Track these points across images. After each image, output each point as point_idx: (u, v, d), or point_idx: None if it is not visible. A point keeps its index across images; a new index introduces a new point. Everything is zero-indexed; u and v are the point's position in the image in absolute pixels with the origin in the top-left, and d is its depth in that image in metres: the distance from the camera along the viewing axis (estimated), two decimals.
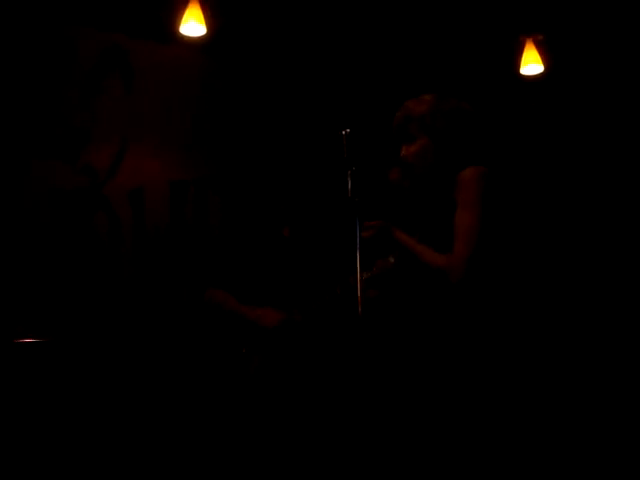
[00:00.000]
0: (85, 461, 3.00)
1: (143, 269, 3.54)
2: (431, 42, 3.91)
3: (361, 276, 2.01)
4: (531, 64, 3.90)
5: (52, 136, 3.41)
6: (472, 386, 2.02)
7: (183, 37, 3.59)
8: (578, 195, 3.98)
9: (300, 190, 3.08)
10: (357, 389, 1.99)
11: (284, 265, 2.91)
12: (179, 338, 3.46)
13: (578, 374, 3.58)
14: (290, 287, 2.86)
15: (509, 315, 2.12)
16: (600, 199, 3.93)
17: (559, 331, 3.67)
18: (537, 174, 4.06)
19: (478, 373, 2.03)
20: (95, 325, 3.32)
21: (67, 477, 2.94)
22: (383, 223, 2.18)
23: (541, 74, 3.96)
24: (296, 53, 3.95)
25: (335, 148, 2.17)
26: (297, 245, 2.98)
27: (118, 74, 3.62)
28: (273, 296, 2.81)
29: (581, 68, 4.02)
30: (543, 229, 3.95)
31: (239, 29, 3.79)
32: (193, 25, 3.50)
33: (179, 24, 3.50)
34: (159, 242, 3.62)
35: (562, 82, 4.07)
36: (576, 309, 3.75)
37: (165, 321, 3.49)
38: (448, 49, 3.95)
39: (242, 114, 3.92)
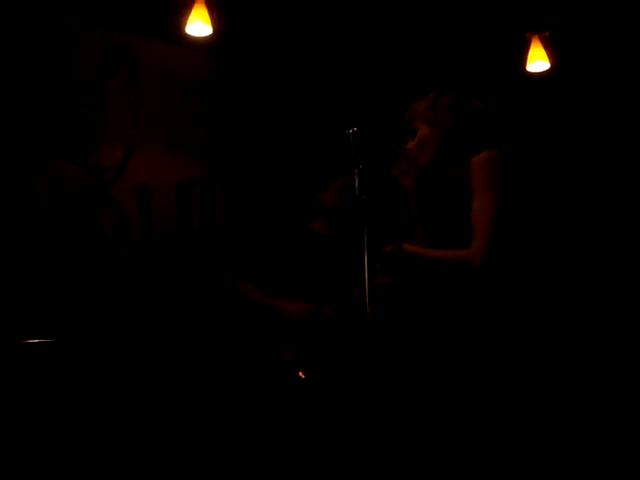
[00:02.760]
0: (90, 462, 3.00)
1: (150, 267, 3.55)
2: (437, 39, 3.90)
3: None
4: (537, 61, 3.89)
5: (59, 136, 3.42)
6: (484, 380, 2.02)
7: (189, 37, 3.60)
8: (584, 192, 3.97)
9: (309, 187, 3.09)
10: (374, 386, 1.98)
11: (317, 259, 2.92)
12: (186, 336, 3.47)
13: (593, 369, 3.57)
14: (320, 282, 2.88)
15: (524, 304, 2.11)
16: (605, 196, 3.92)
17: (574, 323, 3.65)
18: (544, 171, 4.05)
19: (490, 365, 2.03)
20: (103, 324, 3.33)
21: (71, 477, 2.95)
22: (396, 246, 2.15)
23: (547, 71, 3.95)
24: (302, 52, 3.95)
25: (342, 147, 2.18)
26: (331, 240, 2.99)
27: (124, 74, 3.63)
28: (303, 290, 2.84)
29: (587, 65, 4.00)
30: (547, 226, 3.94)
31: (245, 29, 3.80)
32: (199, 25, 3.51)
33: (185, 24, 3.51)
34: (166, 240, 3.63)
35: (568, 79, 4.06)
36: (589, 301, 3.74)
37: (173, 319, 3.49)
38: (454, 46, 3.94)
39: (248, 113, 3.93)
